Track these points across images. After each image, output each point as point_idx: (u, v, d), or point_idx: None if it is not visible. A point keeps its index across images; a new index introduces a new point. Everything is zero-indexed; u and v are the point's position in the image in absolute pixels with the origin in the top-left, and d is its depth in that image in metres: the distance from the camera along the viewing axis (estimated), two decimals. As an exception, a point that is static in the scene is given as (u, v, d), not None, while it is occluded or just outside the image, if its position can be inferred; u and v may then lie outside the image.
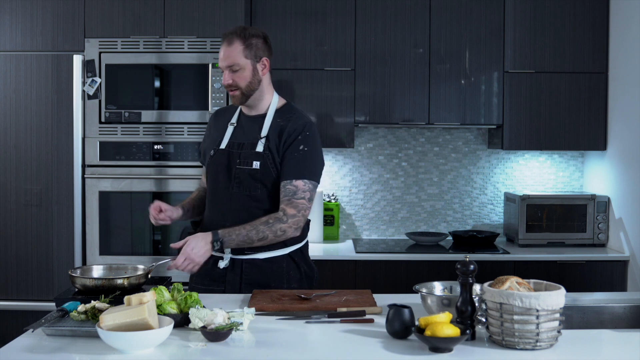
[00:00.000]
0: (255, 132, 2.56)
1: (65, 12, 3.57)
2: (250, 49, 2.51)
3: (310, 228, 3.88)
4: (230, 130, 2.61)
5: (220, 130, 2.64)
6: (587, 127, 3.91)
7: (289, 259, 2.59)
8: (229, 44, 2.51)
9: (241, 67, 2.50)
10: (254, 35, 2.53)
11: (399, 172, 4.26)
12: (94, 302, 1.99)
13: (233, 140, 2.58)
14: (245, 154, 2.53)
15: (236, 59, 2.50)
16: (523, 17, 3.87)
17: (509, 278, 1.89)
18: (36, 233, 3.59)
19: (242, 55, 2.50)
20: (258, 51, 2.53)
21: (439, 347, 1.78)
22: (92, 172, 3.56)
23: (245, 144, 2.55)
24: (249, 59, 2.51)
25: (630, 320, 2.37)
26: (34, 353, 1.79)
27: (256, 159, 2.50)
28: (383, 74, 3.88)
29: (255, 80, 2.54)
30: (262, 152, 2.51)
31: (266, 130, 2.54)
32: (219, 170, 2.57)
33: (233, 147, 2.56)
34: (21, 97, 3.58)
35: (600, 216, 3.86)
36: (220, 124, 2.67)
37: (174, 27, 3.56)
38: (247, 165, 2.51)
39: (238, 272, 2.54)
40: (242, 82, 2.52)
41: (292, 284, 2.59)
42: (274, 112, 2.58)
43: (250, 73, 2.52)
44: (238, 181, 2.53)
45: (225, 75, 2.53)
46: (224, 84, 2.54)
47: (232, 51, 2.50)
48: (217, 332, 1.85)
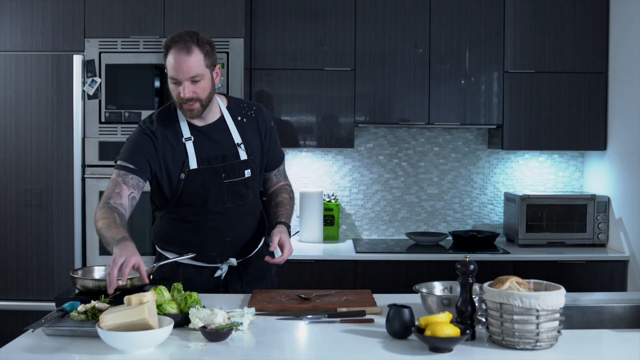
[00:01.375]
0: (226, 140, 2.44)
1: (65, 12, 3.57)
2: (208, 57, 2.33)
3: (310, 228, 3.95)
4: (191, 147, 2.39)
5: (176, 149, 2.40)
6: (587, 127, 3.91)
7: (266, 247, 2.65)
8: (188, 52, 2.27)
9: (202, 77, 2.31)
10: (207, 42, 2.34)
11: (399, 172, 4.26)
12: (94, 302, 1.99)
13: (204, 156, 2.40)
14: (231, 166, 2.43)
15: (198, 70, 2.29)
16: (523, 17, 3.87)
17: (509, 278, 1.89)
18: (36, 233, 3.59)
19: (202, 64, 2.30)
20: (213, 58, 2.36)
21: (439, 347, 1.78)
22: (92, 172, 3.56)
23: (226, 155, 2.43)
24: (208, 68, 2.33)
25: (630, 320, 2.37)
26: (34, 353, 1.79)
27: (245, 167, 2.45)
28: (383, 74, 3.88)
29: (213, 90, 2.38)
30: (247, 159, 2.46)
31: (237, 134, 2.46)
32: (200, 191, 2.41)
33: (211, 163, 2.41)
34: (21, 97, 3.58)
35: (600, 216, 3.86)
36: (170, 142, 2.40)
37: (174, 27, 3.55)
38: (239, 177, 2.44)
39: (237, 276, 2.56)
40: (203, 93, 2.33)
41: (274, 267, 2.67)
42: (228, 112, 2.48)
43: (209, 83, 2.35)
44: (230, 194, 2.45)
45: (185, 88, 2.29)
46: (184, 98, 2.29)
47: (194, 61, 2.28)
48: (217, 332, 1.85)
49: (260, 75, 3.87)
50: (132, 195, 2.34)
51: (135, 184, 2.35)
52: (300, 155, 4.23)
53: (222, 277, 2.53)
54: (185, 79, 2.29)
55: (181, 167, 2.40)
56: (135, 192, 2.35)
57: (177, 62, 2.28)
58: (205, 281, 2.52)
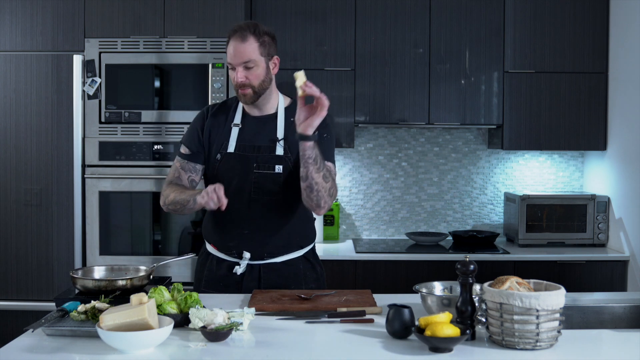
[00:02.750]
0: (270, 133, 2.49)
1: (65, 12, 3.57)
2: (264, 46, 2.43)
3: (310, 228, 3.93)
4: (236, 132, 2.50)
5: (222, 132, 2.52)
6: (587, 127, 3.91)
7: (305, 260, 2.59)
8: (243, 40, 2.40)
9: (256, 64, 2.41)
10: (266, 33, 2.45)
11: (399, 172, 4.26)
12: (94, 302, 1.99)
13: (243, 143, 2.48)
14: (263, 158, 2.45)
15: (252, 55, 2.40)
16: (523, 17, 3.87)
17: (509, 278, 1.89)
18: (36, 233, 3.59)
19: (257, 52, 2.41)
20: (270, 49, 2.45)
21: (439, 347, 1.78)
22: (92, 172, 3.56)
23: (262, 147, 2.47)
24: (263, 56, 2.43)
25: (630, 320, 2.37)
26: (34, 353, 1.79)
27: (278, 163, 2.45)
28: (383, 74, 3.88)
29: (267, 79, 2.46)
30: (283, 155, 2.45)
31: (282, 131, 2.48)
32: (231, 176, 2.46)
33: (246, 151, 2.47)
34: (21, 97, 3.58)
35: (600, 216, 3.86)
36: (219, 124, 2.53)
37: (174, 27, 3.56)
38: (268, 170, 2.44)
39: (256, 277, 2.52)
40: (256, 80, 2.43)
41: (310, 283, 2.58)
42: (284, 110, 2.53)
43: (263, 71, 2.43)
44: (257, 186, 2.45)
45: (238, 73, 2.41)
46: (238, 82, 2.41)
47: (246, 47, 2.39)
48: (217, 332, 1.85)
49: (260, 75, 3.87)
50: (191, 178, 2.53)
51: (192, 167, 2.53)
52: (300, 155, 4.23)
53: (238, 273, 2.49)
54: (238, 64, 2.40)
55: (220, 148, 2.50)
56: (194, 175, 2.54)
57: (234, 48, 2.41)
58: (224, 275, 2.52)
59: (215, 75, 3.53)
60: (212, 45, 3.54)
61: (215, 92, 3.53)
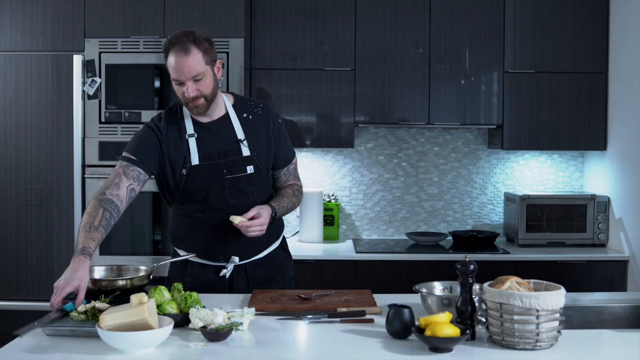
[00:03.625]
0: (230, 136, 2.46)
1: (65, 12, 3.57)
2: (207, 54, 2.35)
3: (310, 228, 3.94)
4: (194, 143, 2.43)
5: (180, 145, 2.43)
6: (587, 127, 3.91)
7: (282, 250, 2.65)
8: (186, 52, 2.29)
9: (204, 75, 2.34)
10: (204, 39, 2.35)
11: (399, 172, 4.26)
12: (94, 302, 1.99)
13: (206, 152, 2.43)
14: (232, 162, 2.44)
15: (199, 68, 2.31)
16: (523, 17, 3.87)
17: (509, 278, 1.89)
18: (36, 233, 3.59)
19: (202, 62, 2.32)
20: (212, 54, 2.38)
21: (439, 347, 1.78)
22: (92, 172, 3.56)
23: (228, 151, 2.45)
24: (208, 65, 2.35)
25: (630, 320, 2.37)
26: (34, 353, 1.79)
27: (248, 164, 2.45)
28: (383, 74, 3.88)
29: (216, 85, 2.40)
30: (250, 155, 2.46)
31: (241, 131, 2.47)
32: (202, 187, 2.44)
33: (212, 159, 2.43)
34: (21, 97, 3.58)
35: (600, 216, 3.86)
36: (174, 138, 2.44)
37: (174, 27, 3.55)
38: (241, 173, 2.44)
39: (244, 276, 2.54)
40: (207, 89, 2.36)
41: (290, 271, 2.66)
42: (233, 109, 2.50)
43: (211, 79, 2.37)
44: (233, 191, 2.45)
45: (188, 88, 2.32)
46: (188, 97, 2.33)
47: (191, 60, 2.30)
48: (217, 332, 1.85)
49: (260, 75, 3.87)
50: (132, 187, 2.35)
51: (136, 175, 2.37)
52: (300, 155, 4.23)
53: (226, 276, 2.52)
54: (187, 79, 2.32)
55: (183, 162, 2.43)
56: (135, 184, 2.36)
57: (178, 63, 2.30)
58: (210, 279, 2.52)
59: (215, 75, 3.52)
60: (212, 45, 3.54)
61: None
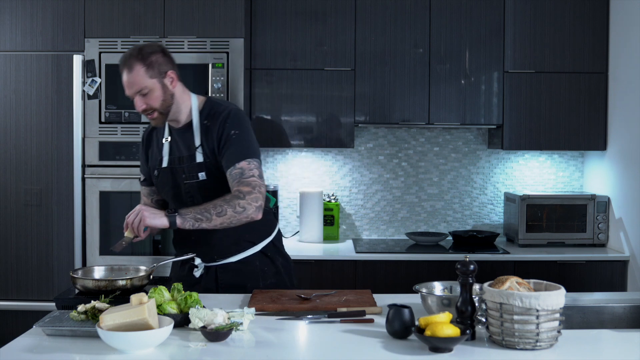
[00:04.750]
0: (190, 142, 2.50)
1: (65, 12, 3.57)
2: (153, 68, 2.39)
3: (310, 228, 3.94)
4: (167, 147, 2.55)
5: (159, 149, 2.58)
6: (587, 127, 3.91)
7: (262, 256, 2.60)
8: (130, 69, 2.38)
9: (150, 89, 2.39)
10: (151, 53, 2.41)
11: (399, 172, 4.26)
12: (94, 302, 1.99)
13: (172, 156, 2.53)
14: (188, 168, 2.48)
15: (142, 83, 2.38)
16: (523, 17, 3.87)
17: (509, 278, 1.89)
18: (36, 233, 3.59)
19: (146, 77, 2.38)
20: (161, 67, 2.41)
21: (439, 347, 1.78)
22: (92, 172, 3.56)
23: (184, 157, 2.49)
24: (154, 78, 2.40)
25: (630, 320, 2.37)
26: (34, 353, 1.79)
27: (199, 170, 2.46)
28: (383, 74, 3.88)
29: (168, 97, 2.43)
30: (203, 161, 2.46)
31: (198, 137, 2.48)
32: (167, 189, 2.55)
33: (174, 163, 2.51)
34: (21, 97, 3.58)
35: (600, 216, 3.86)
36: (155, 142, 2.60)
37: (174, 27, 3.56)
38: (194, 179, 2.47)
39: (213, 278, 2.57)
40: (156, 102, 2.42)
41: (269, 279, 2.60)
42: (198, 115, 2.50)
43: (160, 92, 2.41)
44: (190, 196, 2.49)
45: (137, 102, 2.41)
46: (139, 111, 2.43)
47: (134, 76, 2.38)
48: (217, 332, 1.85)
49: (260, 75, 3.87)
50: (155, 199, 2.68)
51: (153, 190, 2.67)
52: (300, 155, 4.23)
53: (197, 276, 2.55)
54: (132, 94, 2.42)
55: (156, 164, 2.58)
56: (155, 195, 2.68)
57: (123, 79, 2.42)
58: (185, 276, 2.58)
59: (215, 75, 3.53)
60: (212, 45, 3.54)
61: (215, 92, 3.52)
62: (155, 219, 2.27)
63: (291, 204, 4.24)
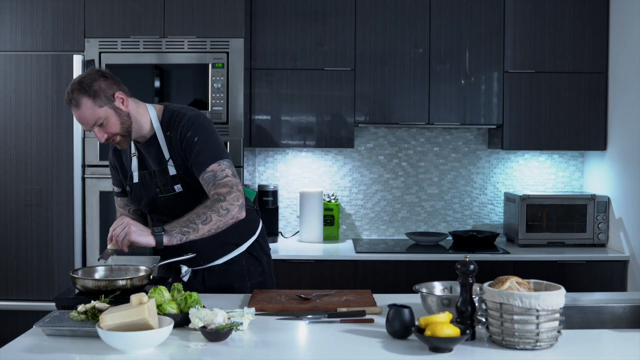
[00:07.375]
0: (159, 156, 2.46)
1: (65, 12, 3.57)
2: (99, 97, 2.31)
3: (311, 228, 3.94)
4: (136, 161, 2.51)
5: (126, 163, 2.55)
6: (587, 127, 3.91)
7: (248, 255, 2.61)
8: (77, 106, 2.30)
9: (105, 118, 2.32)
10: (92, 82, 2.31)
11: (399, 172, 4.26)
12: (94, 302, 1.99)
13: (143, 171, 2.50)
14: (161, 181, 2.45)
15: (94, 115, 2.31)
16: (523, 17, 3.87)
17: (509, 278, 1.89)
18: (36, 233, 3.59)
19: (96, 108, 2.30)
20: (106, 92, 2.32)
21: (439, 347, 1.78)
22: (92, 172, 3.56)
23: (156, 171, 2.46)
24: (104, 106, 2.32)
25: (630, 320, 2.37)
26: (34, 353, 1.79)
27: (174, 183, 2.44)
28: (383, 74, 3.88)
29: (124, 119, 2.36)
30: (176, 174, 2.44)
31: (167, 150, 2.44)
32: (144, 203, 2.52)
33: (145, 178, 2.49)
34: (21, 97, 3.58)
35: (600, 216, 3.86)
36: (124, 157, 2.56)
37: (174, 27, 3.56)
38: (170, 192, 2.45)
39: (200, 281, 2.58)
40: (115, 128, 2.35)
41: (255, 278, 2.61)
42: (160, 127, 2.45)
43: (116, 117, 2.34)
44: (168, 210, 2.47)
45: (97, 134, 2.34)
46: (102, 141, 2.37)
47: (85, 111, 2.30)
48: (217, 332, 1.85)
49: (260, 75, 3.87)
50: (132, 209, 2.63)
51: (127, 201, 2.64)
52: (300, 155, 4.23)
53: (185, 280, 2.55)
54: (89, 128, 2.36)
55: (126, 179, 2.55)
56: (132, 206, 2.63)
57: (76, 117, 2.35)
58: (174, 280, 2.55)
59: (215, 75, 3.53)
60: (212, 45, 3.54)
61: (215, 92, 3.53)
62: (141, 237, 2.19)
63: (291, 204, 4.24)
